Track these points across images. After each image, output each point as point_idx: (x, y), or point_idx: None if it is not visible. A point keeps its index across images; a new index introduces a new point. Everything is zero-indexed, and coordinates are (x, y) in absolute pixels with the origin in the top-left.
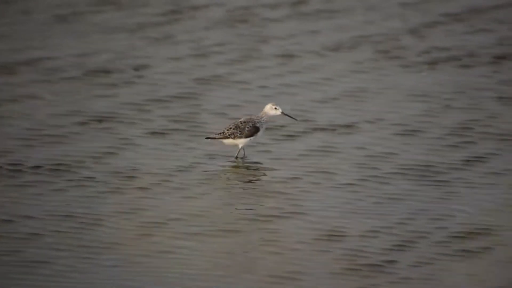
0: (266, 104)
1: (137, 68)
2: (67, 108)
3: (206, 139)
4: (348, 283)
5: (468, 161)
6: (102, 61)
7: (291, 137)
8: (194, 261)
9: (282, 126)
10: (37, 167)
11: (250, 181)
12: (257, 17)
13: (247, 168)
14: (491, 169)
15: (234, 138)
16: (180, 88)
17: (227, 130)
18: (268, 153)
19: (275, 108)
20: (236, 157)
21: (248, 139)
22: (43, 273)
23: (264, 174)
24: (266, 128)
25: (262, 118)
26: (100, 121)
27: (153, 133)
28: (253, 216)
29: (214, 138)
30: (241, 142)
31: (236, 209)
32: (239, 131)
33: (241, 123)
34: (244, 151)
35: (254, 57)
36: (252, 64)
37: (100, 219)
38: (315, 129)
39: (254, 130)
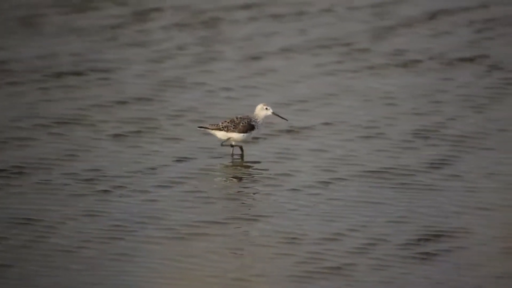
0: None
1: (96, 71)
2: (25, 111)
3: (198, 128)
4: (308, 286)
5: (428, 164)
6: (61, 64)
7: (252, 140)
8: (156, 265)
9: None
10: None
11: (211, 184)
12: (218, 19)
13: (209, 171)
14: (451, 172)
15: (227, 131)
16: (140, 91)
17: (222, 123)
18: (228, 156)
19: (266, 108)
20: (232, 155)
21: (242, 135)
22: (6, 276)
23: (225, 178)
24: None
25: (257, 120)
26: (59, 123)
27: (113, 135)
28: (214, 220)
29: (207, 128)
30: (233, 136)
31: (197, 212)
32: (233, 125)
33: (237, 118)
34: (233, 150)
35: (215, 60)
36: (213, 66)
37: (62, 222)
38: (276, 132)
39: (248, 127)
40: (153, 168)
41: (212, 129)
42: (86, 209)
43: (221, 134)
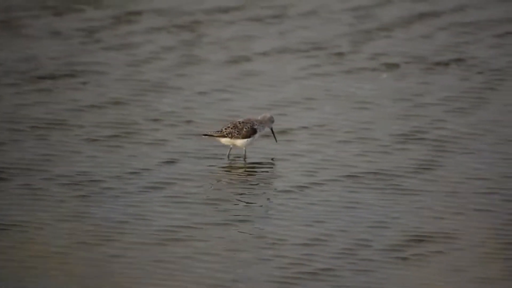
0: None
1: (76, 74)
2: (3, 114)
3: (203, 136)
4: None
5: (409, 168)
6: (40, 67)
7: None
8: (137, 270)
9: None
10: None
11: (192, 189)
12: (199, 23)
13: (189, 176)
14: (432, 175)
15: (231, 137)
16: (120, 94)
17: (225, 129)
18: (209, 160)
19: (272, 122)
20: (230, 156)
21: (246, 140)
22: None
23: (205, 182)
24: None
25: (261, 124)
26: (38, 127)
27: (93, 139)
28: (193, 224)
29: (212, 135)
30: (239, 142)
31: (177, 217)
32: (237, 131)
33: (239, 123)
34: (245, 152)
35: (195, 63)
36: (194, 70)
37: (40, 228)
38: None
39: (251, 132)
40: (134, 173)
41: (217, 136)
42: (66, 214)
43: (225, 141)
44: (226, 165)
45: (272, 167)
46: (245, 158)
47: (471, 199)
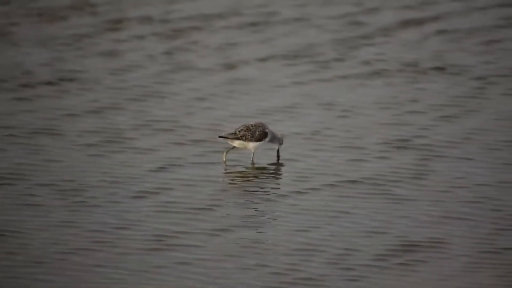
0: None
1: (64, 81)
2: None
3: (219, 137)
4: None
5: (400, 174)
6: (29, 74)
7: (215, 152)
8: (118, 278)
9: (204, 140)
10: None
11: (174, 197)
12: (187, 30)
13: (172, 184)
14: (423, 182)
15: (245, 140)
16: (110, 101)
17: (239, 131)
18: (193, 168)
19: (280, 143)
20: (252, 162)
21: (258, 143)
22: None
23: (189, 191)
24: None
25: (271, 132)
26: (27, 134)
27: (82, 146)
28: (176, 234)
29: (227, 137)
30: (251, 145)
31: (159, 226)
32: (250, 133)
33: (252, 126)
34: (253, 155)
35: (181, 71)
36: (180, 77)
37: (24, 237)
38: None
39: (263, 135)
40: (118, 181)
41: (231, 138)
42: (50, 223)
43: (238, 143)
44: (211, 173)
45: (257, 176)
46: (252, 161)
47: (457, 207)
